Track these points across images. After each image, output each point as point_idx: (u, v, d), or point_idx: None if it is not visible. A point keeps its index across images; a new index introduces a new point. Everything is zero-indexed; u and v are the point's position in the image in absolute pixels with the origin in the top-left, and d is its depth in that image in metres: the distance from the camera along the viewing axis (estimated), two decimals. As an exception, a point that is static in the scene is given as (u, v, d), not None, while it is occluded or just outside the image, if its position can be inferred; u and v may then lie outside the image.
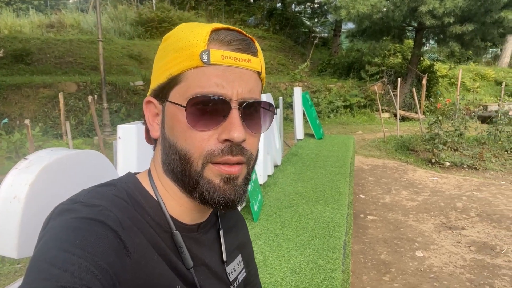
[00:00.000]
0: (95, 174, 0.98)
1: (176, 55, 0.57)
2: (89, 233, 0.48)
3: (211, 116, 0.55)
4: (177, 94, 0.57)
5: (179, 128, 0.57)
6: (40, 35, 12.19)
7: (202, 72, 0.55)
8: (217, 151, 0.55)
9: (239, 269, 0.76)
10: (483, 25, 9.70)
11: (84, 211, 0.51)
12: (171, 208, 0.61)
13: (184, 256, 0.60)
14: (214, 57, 0.55)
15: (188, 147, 0.56)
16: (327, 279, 1.76)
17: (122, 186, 0.59)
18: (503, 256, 3.45)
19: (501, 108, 7.19)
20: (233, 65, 0.56)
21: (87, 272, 0.44)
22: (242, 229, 0.83)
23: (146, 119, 0.63)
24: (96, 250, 0.47)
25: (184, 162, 0.56)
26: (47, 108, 8.39)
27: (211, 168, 0.56)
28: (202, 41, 0.55)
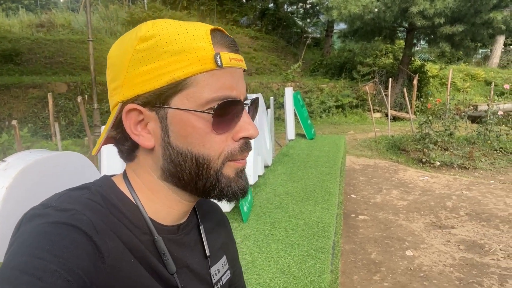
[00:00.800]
0: (76, 176, 0.96)
1: (177, 58, 0.54)
2: (61, 238, 0.47)
3: (230, 118, 0.57)
4: (185, 100, 0.55)
5: (195, 135, 0.56)
6: (30, 35, 12.05)
7: (214, 76, 0.55)
8: (236, 150, 0.58)
9: (223, 270, 0.74)
10: (473, 26, 9.80)
11: (55, 216, 0.50)
12: (152, 211, 0.60)
13: (166, 262, 0.59)
14: (225, 60, 0.55)
15: (207, 152, 0.57)
16: (315, 280, 1.76)
17: (97, 189, 0.57)
18: (491, 255, 3.49)
19: (490, 108, 7.26)
20: (236, 66, 0.58)
21: (59, 278, 0.43)
22: (225, 228, 0.82)
23: (128, 129, 0.57)
24: (69, 255, 0.46)
25: (202, 166, 0.57)
26: (37, 108, 8.31)
27: (229, 165, 0.59)
28: (207, 43, 0.54)
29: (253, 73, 13.28)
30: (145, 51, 0.54)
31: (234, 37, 0.59)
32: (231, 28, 15.78)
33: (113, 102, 0.59)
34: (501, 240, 3.76)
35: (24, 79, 8.84)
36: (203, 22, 0.59)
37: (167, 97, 0.55)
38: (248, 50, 14.60)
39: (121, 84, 0.57)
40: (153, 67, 0.54)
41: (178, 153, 0.57)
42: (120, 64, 0.57)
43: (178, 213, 0.63)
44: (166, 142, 0.57)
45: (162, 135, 0.57)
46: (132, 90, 0.56)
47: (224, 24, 16.06)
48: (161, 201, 0.61)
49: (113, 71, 0.59)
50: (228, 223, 0.86)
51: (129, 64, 0.56)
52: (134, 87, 0.55)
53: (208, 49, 0.54)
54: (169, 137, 0.57)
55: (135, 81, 0.55)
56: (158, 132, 0.57)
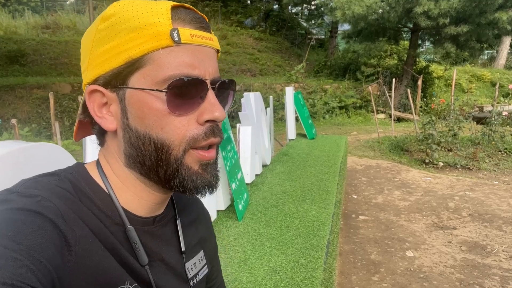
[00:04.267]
0: (52, 167, 0.95)
1: (134, 36, 0.51)
2: (25, 225, 0.45)
3: (190, 99, 0.53)
4: (142, 78, 0.52)
5: (152, 116, 0.53)
6: (36, 36, 12.16)
7: (172, 53, 0.51)
8: (200, 135, 0.54)
9: (200, 265, 0.72)
10: (478, 26, 9.72)
11: (20, 202, 0.47)
12: (125, 201, 0.58)
13: (138, 253, 0.57)
14: (184, 36, 0.51)
15: (166, 135, 0.53)
16: (307, 278, 1.73)
17: (67, 176, 0.55)
18: (493, 256, 3.43)
19: (495, 109, 7.18)
20: (201, 44, 0.53)
21: (21, 267, 0.41)
22: (204, 223, 0.79)
23: (91, 112, 0.56)
24: (32, 243, 0.43)
25: (161, 152, 0.53)
26: (41, 109, 8.36)
27: (191, 154, 0.54)
28: (165, 19, 0.51)
29: (257, 74, 13.28)
30: (105, 31, 0.53)
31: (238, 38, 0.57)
32: (235, 29, 15.81)
33: (83, 85, 0.58)
34: (504, 241, 3.70)
35: (29, 80, 8.91)
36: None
37: (125, 77, 0.53)
38: (252, 51, 14.61)
39: (87, 66, 0.56)
40: (111, 46, 0.52)
41: (137, 136, 0.54)
42: (86, 46, 0.56)
43: (151, 204, 0.60)
44: (125, 124, 0.55)
45: (122, 117, 0.55)
46: (94, 71, 0.54)
47: (229, 25, 16.09)
48: (131, 190, 0.58)
49: (82, 54, 0.58)
50: (209, 218, 0.84)
51: (92, 45, 0.54)
52: (96, 68, 0.54)
53: (165, 24, 0.51)
54: (128, 119, 0.54)
55: (97, 62, 0.54)
56: (119, 114, 0.55)
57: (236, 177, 2.58)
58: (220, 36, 14.39)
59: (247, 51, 14.40)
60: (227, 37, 14.78)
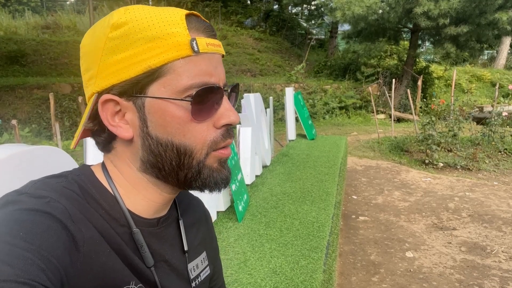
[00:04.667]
0: (54, 170, 0.95)
1: (152, 45, 0.52)
2: (35, 225, 0.46)
3: (210, 105, 0.56)
4: (162, 88, 0.53)
5: (175, 124, 0.55)
6: (36, 36, 12.17)
7: (191, 62, 0.54)
8: (219, 137, 0.57)
9: (202, 266, 0.73)
10: (478, 26, 9.72)
11: (30, 203, 0.49)
12: (131, 203, 0.59)
13: (144, 255, 0.58)
14: (201, 45, 0.54)
15: (189, 141, 0.56)
16: (307, 280, 1.74)
17: (74, 178, 0.56)
18: (493, 257, 3.44)
19: (495, 109, 7.19)
20: (214, 52, 0.56)
21: (32, 265, 0.42)
22: (206, 224, 0.80)
23: (105, 121, 0.56)
24: (42, 242, 0.45)
25: (184, 157, 0.56)
26: (41, 109, 8.37)
27: (212, 155, 0.58)
28: (182, 29, 0.53)
29: (257, 74, 13.29)
30: (118, 39, 0.53)
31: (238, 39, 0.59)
32: (235, 29, 15.81)
33: (88, 93, 0.58)
34: (503, 242, 3.70)
35: (29, 80, 8.91)
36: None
37: (144, 86, 0.54)
38: (252, 51, 14.61)
39: (96, 74, 0.55)
40: (127, 55, 0.53)
41: (158, 143, 0.56)
42: (93, 53, 0.55)
43: (158, 206, 0.62)
44: (145, 132, 0.56)
45: (141, 125, 0.56)
46: (107, 80, 0.54)
47: (229, 25, 16.10)
48: (141, 193, 0.60)
49: (86, 61, 0.57)
50: (210, 219, 0.84)
51: (102, 53, 0.54)
52: (109, 76, 0.54)
53: (184, 34, 0.53)
54: (147, 127, 0.55)
55: (109, 71, 0.54)
56: (136, 122, 0.56)
57: (236, 178, 2.58)
58: (220, 36, 14.40)
59: (247, 51, 14.41)
60: (227, 37, 14.79)
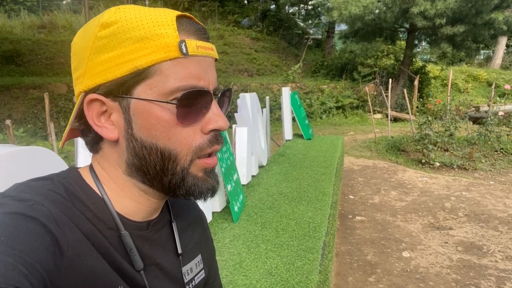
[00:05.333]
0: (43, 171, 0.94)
1: (140, 46, 0.51)
2: (17, 229, 0.44)
3: (197, 109, 0.54)
4: (149, 89, 0.52)
5: (159, 127, 0.53)
6: (32, 36, 12.10)
7: (179, 64, 0.52)
8: (205, 143, 0.55)
9: (196, 270, 0.71)
10: (474, 26, 9.74)
11: (13, 206, 0.47)
12: (120, 206, 0.57)
13: (133, 258, 0.56)
14: (191, 47, 0.52)
15: (173, 146, 0.54)
16: (303, 281, 1.73)
17: (60, 181, 0.55)
18: (489, 256, 3.44)
19: (491, 109, 7.21)
20: (205, 55, 0.55)
21: (14, 271, 0.40)
22: (201, 226, 0.78)
23: (90, 121, 0.55)
24: (25, 247, 0.43)
25: (168, 161, 0.54)
26: (37, 109, 8.31)
27: (197, 163, 0.56)
28: (172, 30, 0.52)
29: (254, 74, 13.27)
30: (106, 38, 0.52)
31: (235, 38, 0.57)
32: (232, 29, 15.79)
33: (76, 92, 0.56)
34: (500, 242, 3.71)
35: (25, 80, 8.86)
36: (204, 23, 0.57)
37: (130, 87, 0.53)
38: (249, 51, 14.59)
39: (83, 73, 0.54)
40: (114, 55, 0.52)
41: (142, 146, 0.54)
42: (82, 52, 0.54)
43: (147, 210, 0.60)
44: (129, 134, 0.54)
45: (126, 127, 0.54)
46: (93, 80, 0.53)
47: (226, 25, 16.07)
48: (128, 196, 0.58)
49: (75, 59, 0.56)
50: (205, 221, 0.83)
51: (90, 52, 0.53)
52: (95, 76, 0.53)
53: (173, 36, 0.51)
54: (132, 129, 0.54)
55: (96, 70, 0.53)
56: (121, 123, 0.55)
57: (232, 178, 2.57)
58: (217, 36, 14.37)
59: (244, 51, 14.38)
60: (224, 37, 14.76)
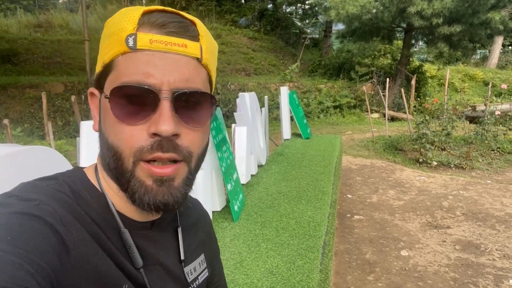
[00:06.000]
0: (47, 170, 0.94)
1: (109, 41, 0.53)
2: (23, 228, 0.45)
3: (139, 108, 0.50)
4: (109, 83, 0.53)
5: (109, 122, 0.53)
6: (28, 35, 12.03)
7: (130, 59, 0.51)
8: (146, 147, 0.50)
9: (200, 269, 0.72)
10: (471, 26, 9.78)
11: (18, 206, 0.47)
12: (119, 204, 0.58)
13: (132, 256, 0.57)
14: (142, 41, 0.50)
15: (119, 143, 0.52)
16: (304, 280, 1.73)
17: (65, 180, 0.56)
18: (487, 255, 3.46)
19: (488, 108, 7.24)
20: (164, 50, 0.50)
21: (21, 270, 0.40)
22: (205, 226, 0.79)
23: (91, 112, 0.59)
24: (31, 246, 0.43)
25: (116, 159, 0.53)
26: (33, 108, 8.27)
27: (142, 168, 0.52)
28: (131, 24, 0.51)
29: (251, 74, 13.26)
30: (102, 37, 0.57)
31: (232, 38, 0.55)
32: (229, 28, 15.76)
33: None
34: (497, 240, 3.73)
35: (21, 79, 8.82)
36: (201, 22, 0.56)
37: (102, 81, 0.55)
38: (247, 50, 14.58)
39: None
40: (99, 52, 0.56)
41: (103, 139, 0.56)
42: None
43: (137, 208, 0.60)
44: (100, 127, 0.57)
45: (99, 120, 0.57)
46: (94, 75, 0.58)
47: (223, 24, 16.04)
48: (114, 192, 0.58)
49: None
50: (209, 220, 0.83)
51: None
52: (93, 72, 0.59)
53: (128, 29, 0.51)
54: (101, 122, 0.57)
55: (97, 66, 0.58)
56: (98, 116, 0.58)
57: (232, 177, 2.57)
58: (215, 36, 14.28)
59: (242, 50, 14.37)
60: (222, 36, 14.74)
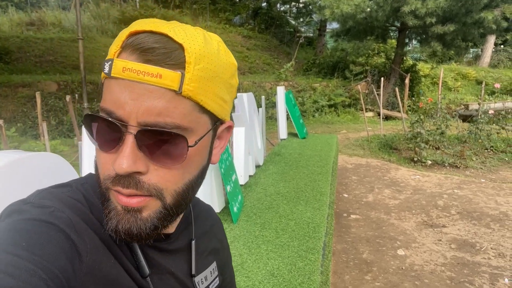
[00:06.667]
0: (53, 177, 0.93)
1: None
2: (38, 235, 0.45)
3: (109, 138, 0.48)
4: None
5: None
6: (20, 33, 11.88)
7: (108, 84, 0.49)
8: (111, 177, 0.48)
9: (211, 278, 0.72)
10: (464, 25, 9.86)
11: (34, 212, 0.48)
12: None
13: (139, 264, 0.57)
14: (116, 68, 0.46)
15: (99, 166, 0.51)
16: (305, 282, 1.74)
17: (78, 188, 0.56)
18: (482, 254, 3.50)
19: (481, 107, 7.31)
20: (136, 80, 0.45)
21: (34, 276, 0.40)
22: (217, 233, 0.79)
23: None
24: (45, 253, 0.44)
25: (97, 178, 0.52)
26: (26, 108, 8.19)
27: (113, 193, 0.50)
28: (115, 47, 0.48)
29: (246, 72, 13.25)
30: None
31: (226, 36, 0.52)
32: (224, 27, 15.72)
33: None
34: (492, 239, 3.77)
35: (14, 78, 8.71)
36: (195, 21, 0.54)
37: None
38: (241, 49, 14.56)
39: None
40: None
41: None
42: None
43: None
44: None
45: None
46: None
47: (217, 23, 15.99)
48: None
49: None
50: (222, 228, 0.83)
51: None
52: None
53: (111, 53, 0.49)
54: None
55: None
56: None
57: (231, 179, 2.57)
58: (209, 34, 14.25)
59: (236, 49, 14.34)
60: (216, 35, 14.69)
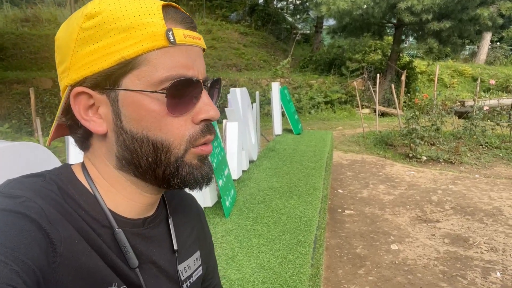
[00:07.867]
0: (34, 167, 0.92)
1: (126, 35, 0.50)
2: (8, 226, 0.44)
3: (187, 99, 0.54)
4: (137, 80, 0.51)
5: (150, 118, 0.52)
6: (15, 29, 11.82)
7: (167, 53, 0.51)
8: (198, 133, 0.55)
9: (194, 267, 0.71)
10: (460, 22, 9.88)
11: (3, 203, 0.46)
12: (113, 203, 0.56)
13: (128, 255, 0.55)
14: (178, 36, 0.52)
15: (165, 136, 0.53)
16: (295, 274, 1.74)
17: (52, 178, 0.54)
18: (475, 248, 3.51)
19: (476, 104, 7.33)
20: (193, 44, 0.54)
21: (6, 269, 0.40)
22: (199, 222, 0.78)
23: (77, 115, 0.54)
24: (16, 244, 0.42)
25: (161, 152, 0.53)
26: (21, 104, 8.15)
27: (191, 152, 0.55)
28: (158, 19, 0.51)
29: (242, 69, 13.23)
30: (91, 29, 0.51)
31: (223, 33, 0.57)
32: (220, 23, 15.68)
33: (62, 87, 0.55)
34: (485, 234, 3.79)
35: (8, 75, 8.67)
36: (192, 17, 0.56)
37: (117, 78, 0.51)
38: (238, 46, 14.53)
39: (68, 66, 0.53)
40: (100, 46, 0.51)
41: (132, 138, 0.53)
42: (66, 45, 0.53)
43: (141, 206, 0.59)
44: (119, 127, 0.53)
45: (114, 119, 0.53)
46: (80, 72, 0.52)
47: (214, 19, 15.95)
48: (120, 193, 0.57)
49: (60, 53, 0.55)
50: (204, 217, 0.82)
51: (75, 45, 0.52)
52: (81, 68, 0.52)
53: (160, 24, 0.51)
54: (121, 121, 0.53)
55: (82, 62, 0.52)
56: (110, 116, 0.54)
57: (223, 173, 2.56)
58: (205, 31, 14.26)
59: (233, 45, 14.32)
60: (212, 31, 14.66)
